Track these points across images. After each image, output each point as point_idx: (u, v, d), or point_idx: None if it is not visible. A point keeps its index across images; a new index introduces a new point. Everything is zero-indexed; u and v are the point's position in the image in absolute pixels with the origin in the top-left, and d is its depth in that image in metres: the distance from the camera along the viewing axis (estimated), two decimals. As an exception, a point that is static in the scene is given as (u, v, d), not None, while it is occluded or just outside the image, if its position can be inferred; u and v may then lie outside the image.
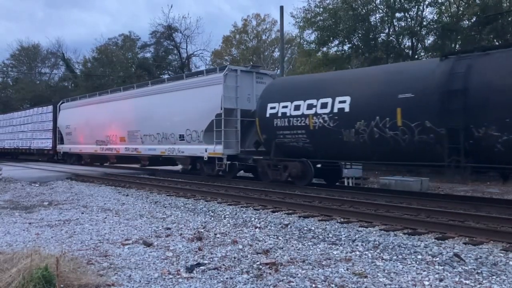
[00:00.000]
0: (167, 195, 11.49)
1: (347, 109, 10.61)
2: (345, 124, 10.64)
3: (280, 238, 6.48)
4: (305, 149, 11.82)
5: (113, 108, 20.02)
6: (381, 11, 22.15)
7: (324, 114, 11.08)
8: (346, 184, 14.68)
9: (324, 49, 23.86)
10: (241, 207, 9.35)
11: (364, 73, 11.82)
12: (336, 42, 23.17)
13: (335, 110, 10.85)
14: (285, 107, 12.14)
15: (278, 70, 30.13)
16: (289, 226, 7.29)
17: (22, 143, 30.27)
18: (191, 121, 15.16)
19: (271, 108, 12.51)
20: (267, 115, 12.57)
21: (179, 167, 18.96)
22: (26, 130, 29.81)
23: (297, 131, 11.79)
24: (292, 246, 5.98)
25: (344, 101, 10.74)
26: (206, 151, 14.45)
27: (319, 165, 12.91)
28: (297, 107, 11.82)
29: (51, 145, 25.83)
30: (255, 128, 13.76)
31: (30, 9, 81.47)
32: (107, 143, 20.34)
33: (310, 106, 11.49)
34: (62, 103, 25.67)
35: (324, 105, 11.16)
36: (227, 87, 14.08)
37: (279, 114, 12.23)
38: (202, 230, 6.99)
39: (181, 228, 7.24)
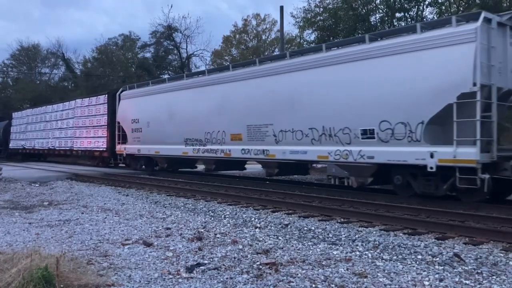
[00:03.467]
0: (167, 195, 11.50)
1: None
2: None
3: (280, 238, 6.48)
4: None
5: (217, 95, 14.10)
6: (381, 11, 22.16)
7: None
8: (346, 184, 14.49)
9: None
10: (241, 207, 9.35)
11: None
12: (336, 42, 23.23)
13: None
14: None
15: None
16: (289, 226, 7.29)
17: (60, 142, 24.73)
18: (396, 107, 9.60)
19: None
20: None
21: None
22: (66, 127, 24.22)
23: None
24: (292, 246, 5.98)
25: None
26: (432, 157, 8.91)
27: None
28: None
29: (105, 146, 20.26)
30: None
31: (27, 9, 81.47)
32: (207, 143, 14.50)
33: None
34: (122, 90, 19.56)
35: None
36: (481, 48, 8.56)
37: None
38: (202, 230, 6.99)
39: (181, 228, 7.24)
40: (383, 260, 5.24)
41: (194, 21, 64.51)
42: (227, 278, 4.52)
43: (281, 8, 22.69)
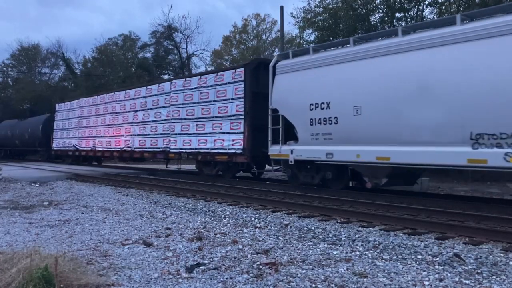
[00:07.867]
0: (167, 195, 11.50)
1: None
2: None
3: (280, 238, 6.48)
4: None
5: None
6: (381, 11, 22.17)
7: None
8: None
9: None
10: (241, 207, 9.35)
11: None
12: (336, 42, 23.24)
13: None
14: None
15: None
16: (289, 226, 7.29)
17: (143, 142, 17.62)
18: None
19: None
20: None
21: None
22: (155, 120, 17.00)
23: None
24: (292, 246, 5.98)
25: None
26: None
27: None
28: None
29: (240, 146, 13.47)
30: None
31: (23, 8, 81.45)
32: None
33: None
34: (277, 60, 12.26)
35: None
36: None
37: None
38: (202, 230, 6.99)
39: (181, 228, 7.24)
40: (383, 260, 5.24)
41: (194, 21, 64.82)
42: (227, 278, 4.52)
43: (281, 8, 22.70)
